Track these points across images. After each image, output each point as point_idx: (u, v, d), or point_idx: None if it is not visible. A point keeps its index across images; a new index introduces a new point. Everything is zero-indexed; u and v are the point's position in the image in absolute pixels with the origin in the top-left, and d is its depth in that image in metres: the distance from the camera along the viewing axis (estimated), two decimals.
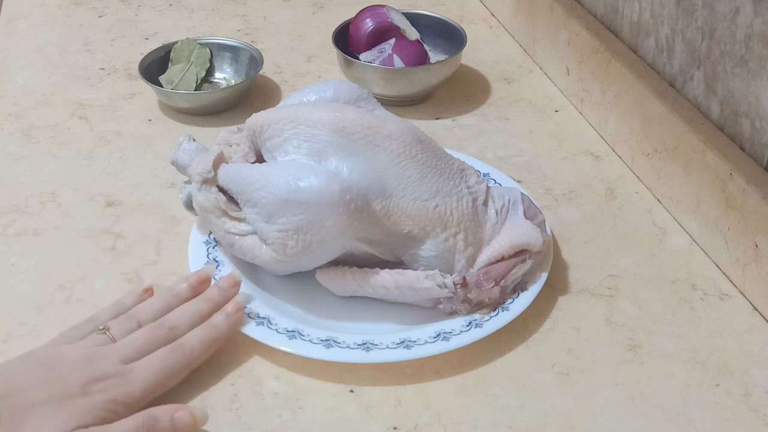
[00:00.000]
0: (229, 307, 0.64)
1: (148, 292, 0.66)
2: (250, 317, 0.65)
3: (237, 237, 0.67)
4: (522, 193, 0.71)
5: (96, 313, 0.63)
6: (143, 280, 0.71)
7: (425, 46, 0.99)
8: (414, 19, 1.00)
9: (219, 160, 0.69)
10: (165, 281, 0.71)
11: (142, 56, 0.97)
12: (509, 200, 0.70)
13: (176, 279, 0.71)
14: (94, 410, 0.55)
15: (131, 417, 0.55)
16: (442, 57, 1.00)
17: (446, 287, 0.64)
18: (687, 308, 0.69)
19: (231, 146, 0.73)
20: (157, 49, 0.99)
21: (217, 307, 0.65)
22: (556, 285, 0.71)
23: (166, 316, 0.63)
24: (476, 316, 0.65)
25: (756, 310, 0.69)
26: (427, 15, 1.03)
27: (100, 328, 0.61)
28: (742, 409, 0.61)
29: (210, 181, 0.68)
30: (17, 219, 0.78)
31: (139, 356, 0.59)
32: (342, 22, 1.00)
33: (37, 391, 0.54)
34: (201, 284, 0.67)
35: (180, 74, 0.96)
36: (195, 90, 0.96)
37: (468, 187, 0.69)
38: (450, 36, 1.01)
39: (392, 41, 0.95)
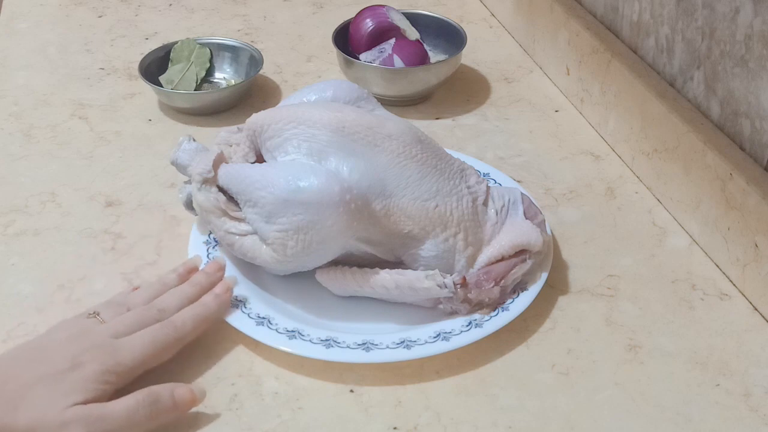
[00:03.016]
0: (218, 288, 0.65)
1: (137, 289, 0.67)
2: (249, 317, 0.65)
3: (237, 237, 0.67)
4: (522, 193, 0.71)
5: (85, 310, 0.63)
6: (144, 280, 0.71)
7: (425, 46, 0.99)
8: (414, 19, 1.00)
9: (219, 160, 0.69)
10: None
11: (142, 56, 0.97)
12: (509, 200, 0.70)
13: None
14: (86, 382, 0.55)
15: (132, 394, 0.56)
16: (442, 57, 1.00)
17: (446, 287, 0.64)
18: (687, 308, 0.69)
19: (231, 146, 0.73)
20: (157, 49, 0.99)
21: (204, 291, 0.65)
22: (556, 285, 0.71)
23: (156, 300, 0.64)
24: (476, 316, 0.65)
25: (756, 310, 0.69)
26: (427, 15, 1.03)
27: (90, 313, 0.61)
28: (742, 409, 0.61)
29: (210, 181, 0.68)
30: (17, 219, 0.78)
31: (129, 333, 0.59)
32: (342, 22, 1.00)
33: (29, 374, 0.55)
34: (188, 274, 0.68)
35: (180, 74, 0.96)
36: (195, 90, 0.96)
37: (468, 187, 0.69)
38: (450, 36, 1.01)
39: (392, 41, 0.95)
